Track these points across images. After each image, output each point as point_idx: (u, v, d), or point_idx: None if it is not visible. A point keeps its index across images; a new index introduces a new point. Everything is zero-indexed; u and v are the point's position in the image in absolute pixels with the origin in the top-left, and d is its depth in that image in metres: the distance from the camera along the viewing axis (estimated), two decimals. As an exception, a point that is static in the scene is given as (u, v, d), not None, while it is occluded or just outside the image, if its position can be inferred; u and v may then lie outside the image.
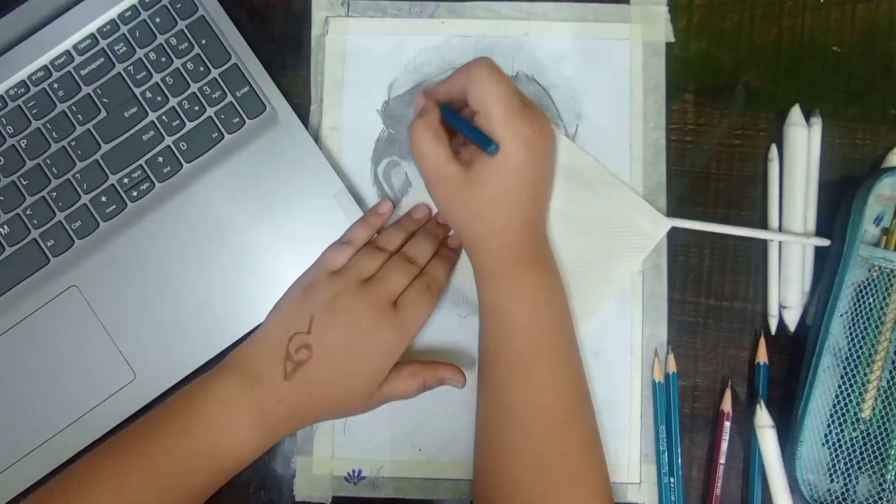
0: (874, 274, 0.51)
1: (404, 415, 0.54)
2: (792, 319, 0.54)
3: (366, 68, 0.56)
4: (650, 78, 0.56)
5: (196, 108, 0.54)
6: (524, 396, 0.48)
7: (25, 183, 0.53)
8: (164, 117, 0.54)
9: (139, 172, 0.54)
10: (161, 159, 0.54)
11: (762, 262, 0.55)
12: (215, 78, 0.54)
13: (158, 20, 0.54)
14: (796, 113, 0.55)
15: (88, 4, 0.55)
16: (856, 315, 0.51)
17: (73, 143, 0.54)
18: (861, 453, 0.50)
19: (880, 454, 0.50)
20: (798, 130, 0.54)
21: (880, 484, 0.50)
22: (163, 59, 0.54)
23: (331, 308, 0.48)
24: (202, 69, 0.54)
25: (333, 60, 0.56)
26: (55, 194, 0.54)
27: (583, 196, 0.54)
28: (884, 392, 0.50)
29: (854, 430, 0.51)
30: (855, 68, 0.56)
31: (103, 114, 0.54)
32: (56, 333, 0.53)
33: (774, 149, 0.55)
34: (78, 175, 0.54)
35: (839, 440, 0.51)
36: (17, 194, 0.53)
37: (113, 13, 0.55)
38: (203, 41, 0.54)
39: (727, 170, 0.56)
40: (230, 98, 0.54)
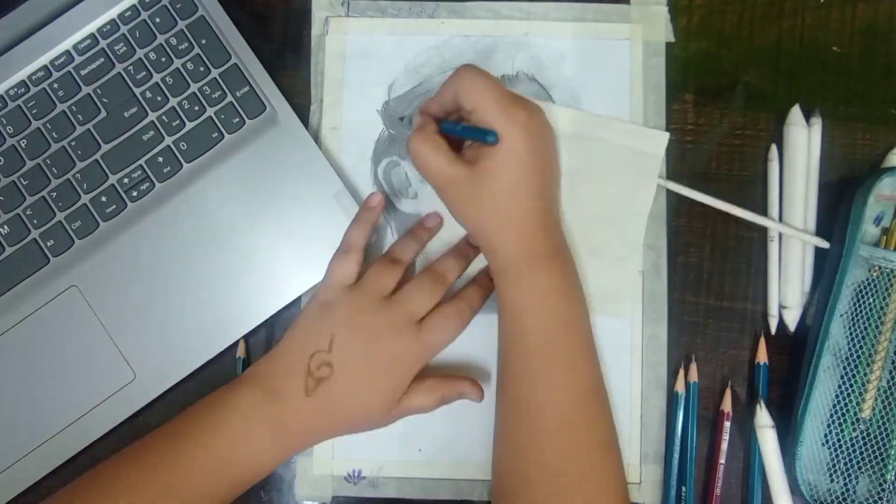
0: (874, 274, 0.51)
1: (404, 415, 0.54)
2: (792, 319, 0.54)
3: (366, 68, 0.56)
4: (650, 78, 0.56)
5: (196, 108, 0.54)
6: (539, 394, 0.48)
7: (25, 183, 0.54)
8: (164, 117, 0.54)
9: (139, 172, 0.54)
10: (161, 159, 0.54)
11: (762, 262, 0.55)
12: (215, 78, 0.54)
13: (158, 20, 0.54)
14: (796, 113, 0.55)
15: (88, 4, 0.55)
16: (856, 315, 0.51)
17: (73, 143, 0.54)
18: (861, 453, 0.50)
19: (880, 454, 0.50)
20: (798, 130, 0.54)
21: (880, 484, 0.50)
22: (163, 59, 0.54)
23: (352, 327, 0.48)
24: (202, 69, 0.54)
25: (333, 60, 0.56)
26: (55, 194, 0.54)
27: (581, 150, 0.54)
28: (884, 392, 0.50)
29: (854, 430, 0.51)
30: (855, 68, 0.56)
31: (103, 114, 0.54)
32: (56, 333, 0.53)
33: (774, 149, 0.55)
34: (78, 175, 0.54)
35: (839, 440, 0.51)
36: (17, 194, 0.53)
37: (113, 13, 0.55)
38: (203, 41, 0.54)
39: (727, 170, 0.56)
40: (230, 98, 0.54)
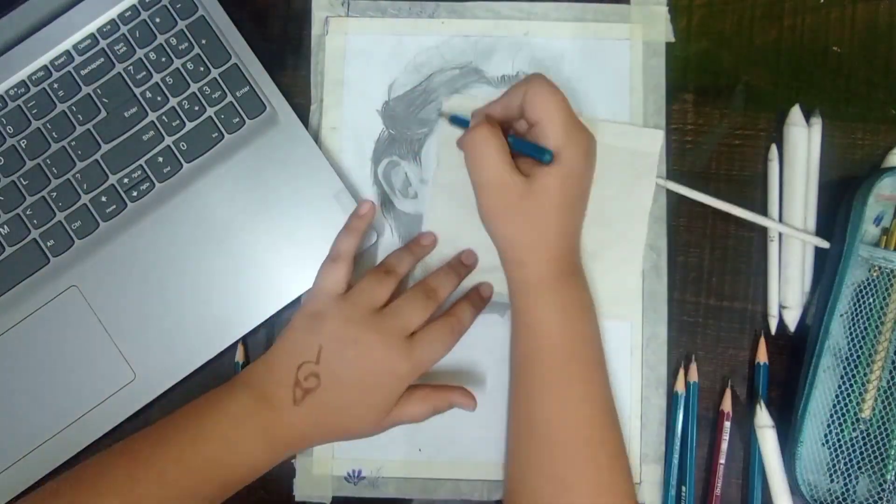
0: (874, 274, 0.51)
1: (404, 415, 0.54)
2: (792, 319, 0.54)
3: (366, 68, 0.56)
4: (650, 78, 0.56)
5: (196, 108, 0.54)
6: (553, 410, 0.48)
7: (25, 183, 0.54)
8: (164, 117, 0.54)
9: (139, 172, 0.54)
10: (161, 159, 0.54)
11: (762, 262, 0.55)
12: (215, 78, 0.54)
13: (158, 20, 0.54)
14: (796, 113, 0.55)
15: (88, 4, 0.55)
16: (856, 315, 0.51)
17: (73, 143, 0.54)
18: (861, 453, 0.50)
19: (880, 454, 0.50)
20: (798, 130, 0.54)
21: (880, 484, 0.50)
22: (163, 59, 0.54)
23: (341, 339, 0.48)
24: (202, 69, 0.54)
25: (333, 60, 0.56)
26: (55, 194, 0.54)
27: None
28: (884, 392, 0.50)
29: (854, 430, 0.51)
30: (855, 68, 0.56)
31: (103, 114, 0.54)
32: (56, 333, 0.53)
33: (774, 149, 0.55)
34: (78, 175, 0.54)
35: (839, 440, 0.51)
36: (17, 194, 0.53)
37: (113, 13, 0.55)
38: (203, 41, 0.54)
39: (727, 170, 0.56)
40: (230, 98, 0.54)
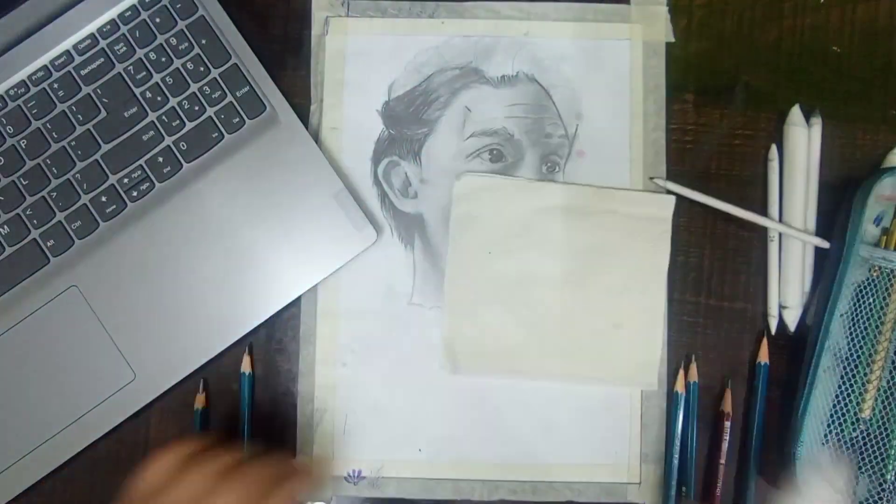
0: (874, 274, 0.51)
1: (404, 415, 0.54)
2: (792, 319, 0.54)
3: (366, 68, 0.56)
4: (650, 78, 0.56)
5: (196, 108, 0.54)
6: None
7: (25, 183, 0.53)
8: (164, 117, 0.54)
9: (139, 172, 0.54)
10: (161, 159, 0.54)
11: (762, 262, 0.55)
12: (215, 78, 0.54)
13: (158, 20, 0.54)
14: (796, 113, 0.55)
15: (88, 4, 0.55)
16: (856, 315, 0.51)
17: (73, 143, 0.54)
18: (861, 453, 0.50)
19: (880, 454, 0.50)
20: (798, 130, 0.54)
21: (880, 484, 0.50)
22: (163, 59, 0.54)
23: None
24: (202, 69, 0.54)
25: (333, 60, 0.56)
26: (55, 194, 0.53)
27: (591, 224, 0.54)
28: (884, 392, 0.50)
29: (854, 430, 0.51)
30: (855, 68, 0.56)
31: (103, 114, 0.54)
32: (56, 333, 0.53)
33: (774, 149, 0.55)
34: (78, 175, 0.54)
35: (839, 440, 0.51)
36: (17, 194, 0.53)
37: (113, 13, 0.55)
38: (203, 41, 0.54)
39: (727, 170, 0.56)
40: (230, 98, 0.54)
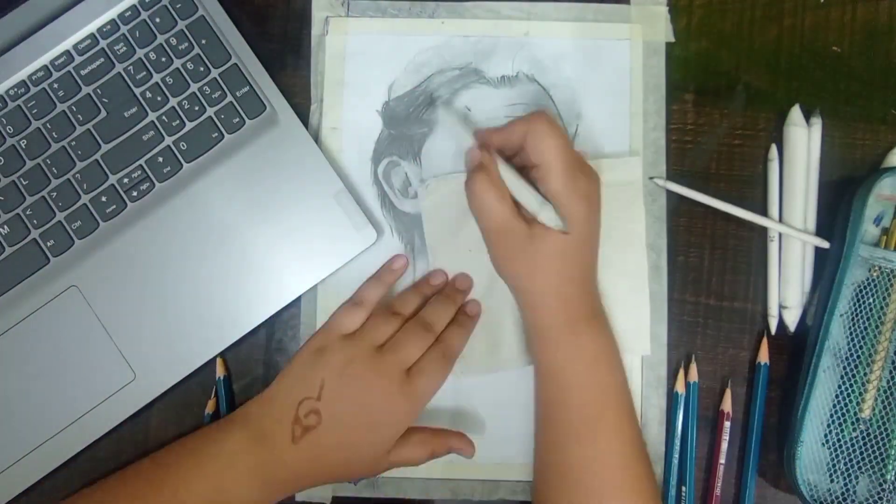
0: (874, 274, 0.51)
1: (404, 415, 0.54)
2: (792, 319, 0.54)
3: (366, 68, 0.56)
4: (650, 78, 0.56)
5: (196, 108, 0.54)
6: (583, 458, 0.48)
7: (25, 183, 0.53)
8: (164, 117, 0.54)
9: (139, 172, 0.54)
10: (161, 159, 0.54)
11: (762, 262, 0.55)
12: (215, 78, 0.54)
13: (158, 20, 0.54)
14: (796, 113, 0.55)
15: (88, 4, 0.55)
16: (856, 315, 0.51)
17: (73, 143, 0.54)
18: (861, 453, 0.50)
19: (880, 454, 0.50)
20: (798, 130, 0.54)
21: (880, 484, 0.50)
22: (163, 59, 0.54)
23: (342, 375, 0.48)
24: (202, 69, 0.54)
25: (333, 60, 0.56)
26: (55, 194, 0.53)
27: None
28: (884, 392, 0.50)
29: (854, 430, 0.51)
30: (855, 68, 0.56)
31: (103, 114, 0.54)
32: (56, 333, 0.53)
33: (774, 149, 0.55)
34: (78, 175, 0.54)
35: (839, 440, 0.51)
36: (17, 194, 0.53)
37: (113, 13, 0.55)
38: (203, 41, 0.54)
39: (727, 170, 0.56)
40: (230, 98, 0.54)
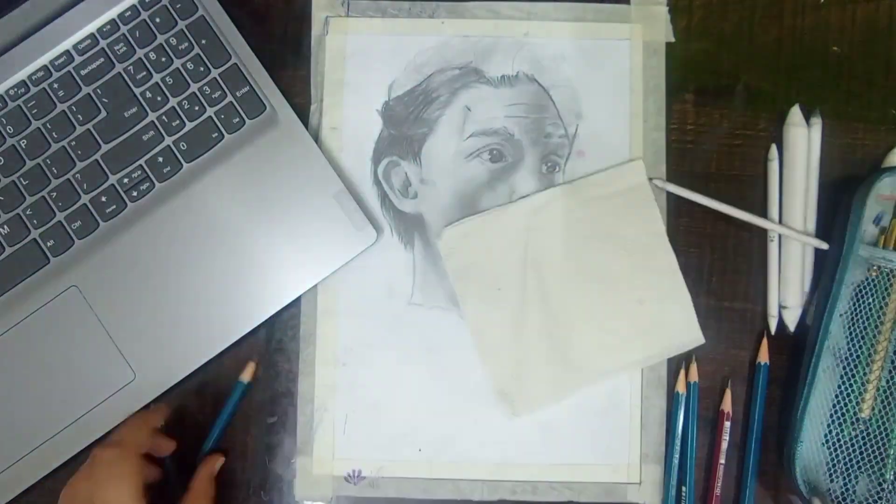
0: (874, 274, 0.51)
1: (404, 415, 0.54)
2: (792, 319, 0.54)
3: (366, 68, 0.56)
4: (650, 78, 0.56)
5: (196, 108, 0.54)
6: None
7: (25, 183, 0.53)
8: (164, 117, 0.54)
9: (139, 172, 0.54)
10: (161, 159, 0.54)
11: (762, 263, 0.55)
12: (215, 78, 0.54)
13: (158, 20, 0.54)
14: (796, 113, 0.55)
15: (88, 4, 0.55)
16: (855, 315, 0.51)
17: (73, 143, 0.54)
18: (860, 453, 0.50)
19: (879, 454, 0.50)
20: (798, 130, 0.54)
21: (879, 484, 0.50)
22: (163, 59, 0.54)
23: None
24: (202, 69, 0.54)
25: (333, 60, 0.56)
26: (55, 194, 0.53)
27: (579, 218, 0.55)
28: (883, 392, 0.50)
29: (853, 430, 0.51)
30: (855, 68, 0.56)
31: (103, 114, 0.54)
32: (56, 333, 0.53)
33: (774, 149, 0.55)
34: (78, 175, 0.54)
35: (839, 440, 0.51)
36: (17, 194, 0.53)
37: (113, 13, 0.55)
38: (203, 41, 0.54)
39: (727, 170, 0.56)
40: (230, 98, 0.54)
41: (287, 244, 0.54)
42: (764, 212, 0.55)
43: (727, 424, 0.53)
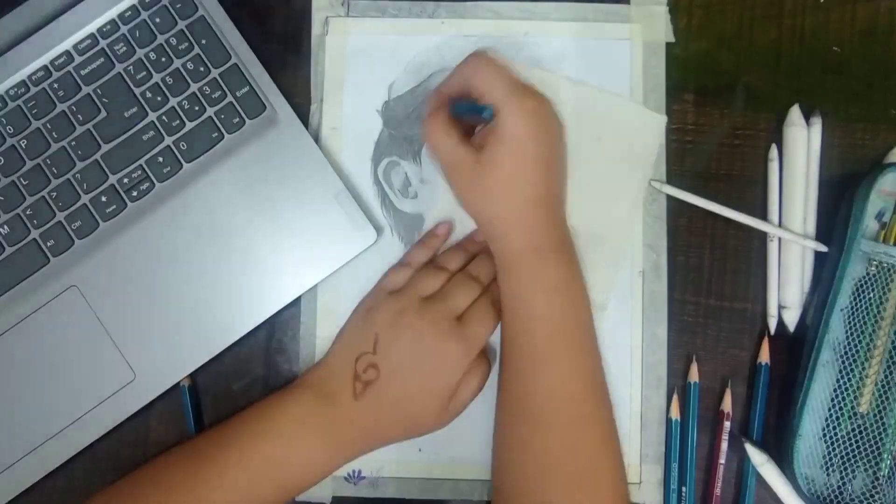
0: (874, 269, 0.51)
1: (404, 415, 0.54)
2: (791, 319, 0.54)
3: (366, 68, 0.56)
4: (650, 78, 0.56)
5: (196, 108, 0.54)
6: (541, 389, 0.47)
7: (25, 183, 0.53)
8: (164, 117, 0.54)
9: (139, 172, 0.54)
10: (161, 159, 0.54)
11: (762, 263, 0.55)
12: (215, 78, 0.54)
13: (158, 20, 0.54)
14: (796, 113, 0.55)
15: (88, 4, 0.55)
16: (855, 310, 0.51)
17: (73, 143, 0.54)
18: (858, 447, 0.50)
19: (877, 448, 0.50)
20: (798, 130, 0.54)
21: (876, 477, 0.50)
22: (163, 60, 0.54)
23: (394, 326, 0.49)
24: (202, 69, 0.54)
25: (333, 60, 0.56)
26: (55, 194, 0.53)
27: (580, 125, 0.54)
28: (881, 387, 0.50)
29: (851, 425, 0.51)
30: (855, 68, 0.56)
31: (103, 114, 0.54)
32: (56, 333, 0.53)
33: (774, 149, 0.55)
34: (78, 175, 0.54)
35: (837, 434, 0.51)
36: (17, 194, 0.53)
37: (113, 13, 0.55)
38: (203, 41, 0.54)
39: (727, 170, 0.56)
40: (230, 98, 0.54)
41: (287, 244, 0.54)
42: (764, 212, 0.55)
43: (727, 424, 0.53)
